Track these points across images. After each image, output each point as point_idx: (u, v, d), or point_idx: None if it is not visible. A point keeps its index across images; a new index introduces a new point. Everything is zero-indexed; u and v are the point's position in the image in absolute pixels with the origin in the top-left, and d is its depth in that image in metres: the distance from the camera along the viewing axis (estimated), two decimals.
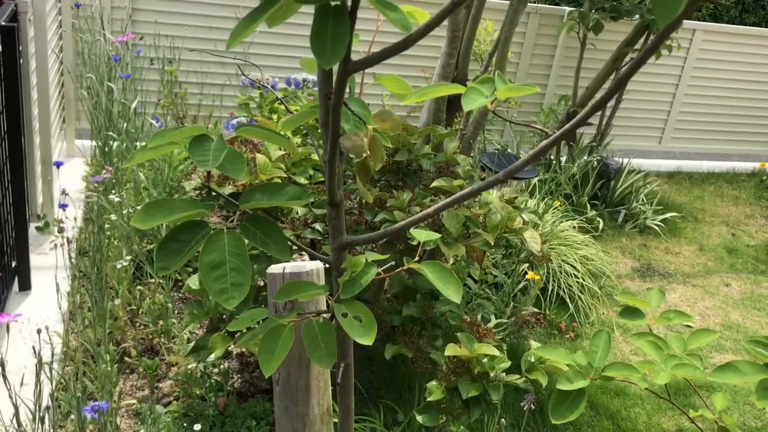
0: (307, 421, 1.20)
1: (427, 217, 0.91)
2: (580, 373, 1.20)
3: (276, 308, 1.15)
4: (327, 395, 1.23)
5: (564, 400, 1.19)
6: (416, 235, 1.15)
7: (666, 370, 1.22)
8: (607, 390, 3.48)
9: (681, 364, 1.24)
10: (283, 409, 1.22)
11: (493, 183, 0.85)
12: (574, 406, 1.18)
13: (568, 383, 1.19)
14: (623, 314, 1.41)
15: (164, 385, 2.98)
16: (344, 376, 1.11)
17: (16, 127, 3.11)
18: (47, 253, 3.58)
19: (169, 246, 0.88)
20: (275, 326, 0.97)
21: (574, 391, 1.19)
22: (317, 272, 1.22)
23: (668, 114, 6.31)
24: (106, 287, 3.02)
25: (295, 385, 1.20)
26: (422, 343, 2.45)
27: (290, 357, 1.20)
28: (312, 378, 1.21)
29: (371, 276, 1.02)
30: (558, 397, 1.19)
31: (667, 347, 1.30)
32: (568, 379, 1.19)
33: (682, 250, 5.05)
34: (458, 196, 0.89)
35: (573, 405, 1.19)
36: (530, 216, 2.51)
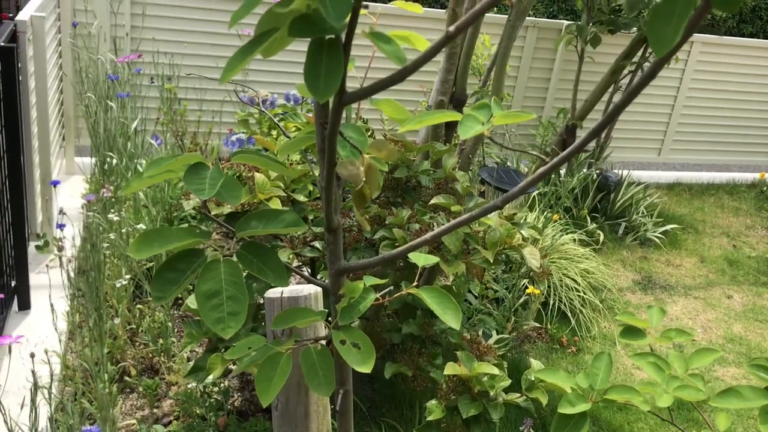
0: None
1: (425, 243, 0.91)
2: (581, 396, 1.19)
3: (274, 334, 1.15)
4: (326, 420, 1.22)
5: (566, 424, 1.18)
6: (415, 260, 1.14)
7: (668, 392, 1.22)
8: (609, 406, 3.46)
9: (683, 386, 1.23)
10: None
11: (491, 209, 0.85)
12: (576, 430, 1.17)
13: (570, 407, 1.18)
14: (624, 335, 1.40)
15: (164, 404, 2.96)
16: (343, 402, 1.10)
17: (16, 146, 3.11)
18: (47, 272, 3.57)
19: (165, 275, 0.87)
20: (273, 354, 0.96)
21: (576, 415, 1.18)
22: (315, 296, 1.21)
23: (667, 126, 6.32)
24: (105, 306, 3.01)
25: (294, 410, 1.19)
26: (422, 361, 2.44)
27: (289, 383, 1.19)
28: (311, 404, 1.20)
29: (369, 302, 1.01)
30: (560, 421, 1.18)
31: (668, 367, 1.29)
32: (570, 402, 1.18)
33: (683, 262, 5.04)
34: (456, 222, 0.88)
35: (575, 428, 1.18)
36: (530, 232, 2.50)
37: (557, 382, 1.24)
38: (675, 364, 1.34)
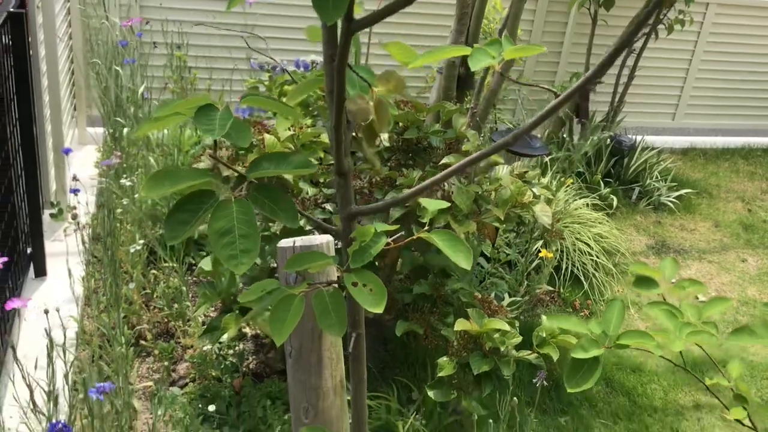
0: (320, 393, 1.20)
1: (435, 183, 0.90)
2: (594, 341, 1.20)
3: (287, 280, 1.15)
4: (340, 367, 1.23)
5: (579, 369, 1.19)
6: (425, 204, 1.14)
7: (681, 338, 1.21)
8: (623, 366, 3.47)
9: (696, 332, 1.23)
10: (296, 381, 1.22)
11: (503, 145, 0.84)
12: (589, 375, 1.18)
13: (582, 352, 1.18)
14: (637, 284, 1.40)
15: (180, 367, 3.00)
16: (356, 345, 1.11)
17: (28, 115, 3.12)
18: (61, 239, 3.60)
19: (177, 216, 0.88)
20: (286, 296, 0.97)
21: (588, 360, 1.18)
22: (327, 245, 1.21)
23: (682, 90, 6.24)
24: (120, 271, 3.04)
25: (308, 357, 1.20)
26: (433, 319, 2.45)
27: (302, 330, 1.20)
28: (324, 350, 1.21)
29: (380, 246, 1.01)
30: (573, 366, 1.19)
31: (681, 315, 1.29)
32: (583, 347, 1.19)
33: (698, 226, 5.01)
34: (466, 161, 0.88)
35: (588, 373, 1.18)
36: (542, 191, 2.49)
37: (570, 327, 1.24)
38: (688, 312, 1.33)
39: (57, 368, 1.77)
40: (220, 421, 2.61)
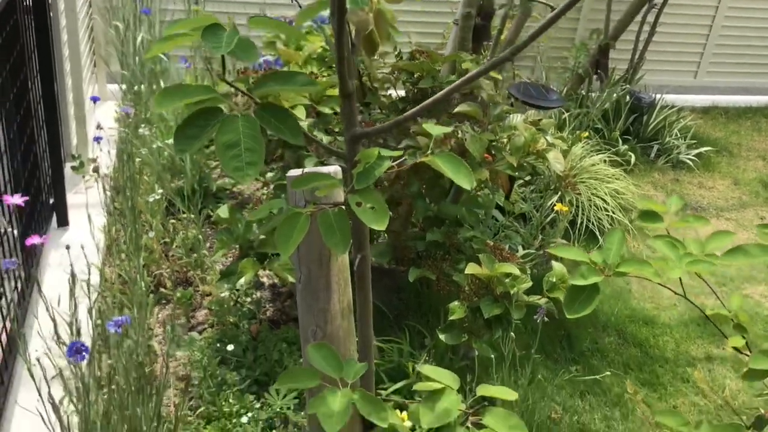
0: (328, 317, 1.24)
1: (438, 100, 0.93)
2: (593, 269, 1.22)
3: (296, 203, 1.19)
4: (347, 292, 1.27)
5: (578, 296, 1.22)
6: (428, 129, 1.16)
7: (680, 266, 1.24)
8: (635, 319, 3.50)
9: (696, 260, 1.25)
10: (305, 306, 1.26)
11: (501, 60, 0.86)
12: (588, 302, 1.21)
13: (581, 279, 1.21)
14: (642, 218, 1.42)
15: (199, 314, 3.07)
16: (360, 266, 1.15)
17: (48, 67, 3.16)
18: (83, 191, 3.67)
19: (186, 131, 0.91)
20: (293, 214, 1.00)
21: (588, 287, 1.21)
22: (335, 173, 1.24)
23: (704, 47, 6.14)
24: (139, 220, 3.11)
25: (316, 282, 1.24)
26: (445, 266, 2.49)
27: (310, 256, 1.24)
28: (332, 276, 1.25)
29: (384, 167, 1.04)
30: (572, 293, 1.22)
31: (683, 248, 1.31)
32: (582, 275, 1.21)
33: (716, 184, 4.98)
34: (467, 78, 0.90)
35: (587, 300, 1.21)
36: (556, 141, 2.50)
37: (571, 257, 1.27)
38: (691, 246, 1.35)
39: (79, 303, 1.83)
40: (237, 363, 2.68)
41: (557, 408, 2.87)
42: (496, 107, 2.43)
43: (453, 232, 2.61)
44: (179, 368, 2.75)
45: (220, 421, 2.43)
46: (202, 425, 2.44)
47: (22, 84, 2.94)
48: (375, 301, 2.82)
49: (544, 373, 3.04)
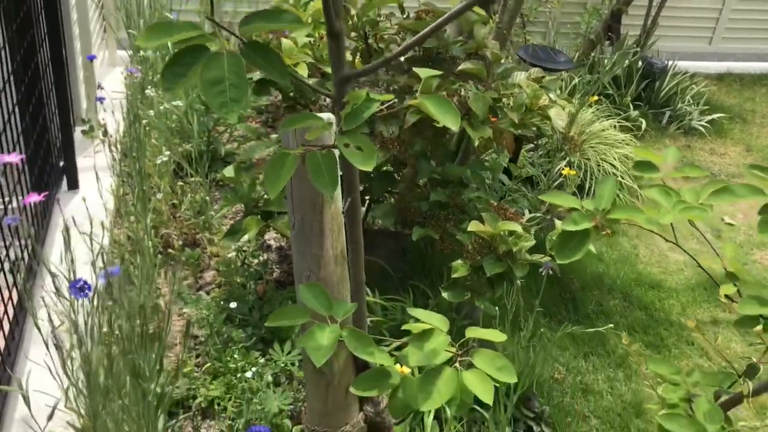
0: (321, 262, 1.26)
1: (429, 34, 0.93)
2: (584, 216, 1.23)
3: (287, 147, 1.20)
4: (340, 239, 1.29)
5: (569, 242, 1.22)
6: (418, 72, 1.17)
7: (672, 212, 1.24)
8: (641, 283, 3.50)
9: (688, 207, 1.25)
10: (299, 251, 1.28)
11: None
12: (579, 247, 1.22)
13: (573, 224, 1.22)
14: (637, 167, 1.42)
15: (207, 275, 3.11)
16: (350, 208, 1.16)
17: (56, 30, 3.17)
18: (93, 156, 3.70)
19: (173, 69, 0.92)
20: (281, 154, 1.02)
21: (579, 233, 1.22)
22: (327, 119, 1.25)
23: (720, 12, 6.03)
24: (147, 182, 3.13)
25: (310, 228, 1.25)
26: (449, 226, 2.50)
27: (304, 203, 1.25)
28: (325, 222, 1.26)
29: (373, 109, 1.05)
30: (563, 238, 1.23)
31: (677, 196, 1.31)
32: (574, 221, 1.22)
33: (728, 150, 4.93)
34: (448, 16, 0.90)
35: (577, 246, 1.22)
36: (560, 101, 2.48)
37: (565, 203, 1.27)
38: (686, 195, 1.35)
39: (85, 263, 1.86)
40: (243, 322, 2.72)
41: (560, 369, 2.89)
42: (501, 65, 2.42)
43: (457, 193, 2.61)
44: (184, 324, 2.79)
45: (225, 376, 2.47)
46: (209, 381, 2.48)
47: (30, 45, 2.96)
48: (380, 262, 2.84)
49: (548, 334, 3.06)
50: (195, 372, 2.52)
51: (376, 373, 1.25)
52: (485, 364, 1.16)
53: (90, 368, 1.54)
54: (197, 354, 2.64)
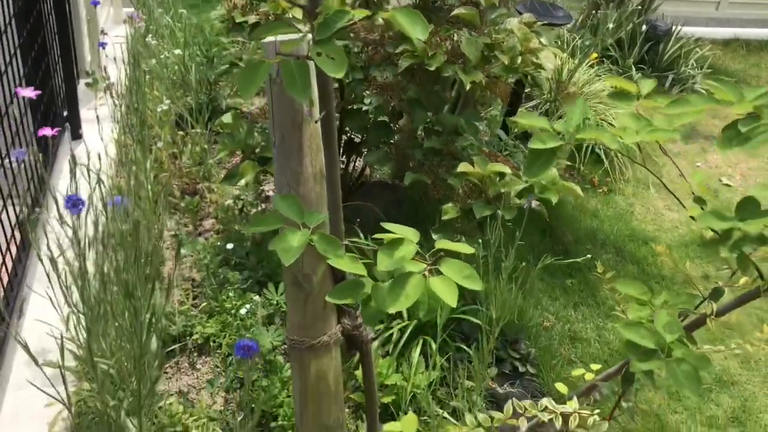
0: (300, 179, 1.31)
1: None
2: (553, 135, 1.27)
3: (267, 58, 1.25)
4: (319, 158, 1.34)
5: (537, 160, 1.27)
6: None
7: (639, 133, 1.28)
8: (635, 239, 3.54)
9: (654, 129, 1.29)
10: (279, 169, 1.33)
11: None
12: (546, 165, 1.26)
13: (541, 143, 1.26)
14: (612, 97, 1.45)
15: (206, 223, 3.18)
16: (325, 119, 1.21)
17: None
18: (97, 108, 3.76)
19: None
20: (257, 61, 1.06)
21: (546, 151, 1.26)
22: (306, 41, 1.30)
23: None
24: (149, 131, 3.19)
25: (289, 145, 1.30)
26: (441, 171, 2.54)
27: (284, 121, 1.30)
28: (304, 140, 1.31)
29: (346, 19, 1.09)
30: (532, 156, 1.27)
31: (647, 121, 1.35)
32: (542, 140, 1.26)
33: (730, 114, 4.93)
34: None
35: (545, 164, 1.26)
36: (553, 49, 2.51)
37: (533, 123, 1.32)
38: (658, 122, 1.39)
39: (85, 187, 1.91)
40: (239, 266, 2.78)
41: (550, 317, 2.95)
42: (494, 11, 2.44)
43: (451, 141, 2.65)
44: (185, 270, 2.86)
45: (221, 315, 2.54)
46: (205, 319, 2.56)
47: None
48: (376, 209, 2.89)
49: (540, 285, 3.11)
50: (192, 311, 2.60)
51: (351, 284, 1.31)
52: (452, 271, 1.21)
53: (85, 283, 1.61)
54: (195, 296, 2.72)
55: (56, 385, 2.27)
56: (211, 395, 2.36)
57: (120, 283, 1.65)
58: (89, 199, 1.95)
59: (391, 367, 2.27)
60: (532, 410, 1.38)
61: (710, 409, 2.62)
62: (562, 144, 1.27)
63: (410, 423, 1.38)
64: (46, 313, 2.20)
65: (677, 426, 2.53)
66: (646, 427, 2.49)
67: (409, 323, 2.39)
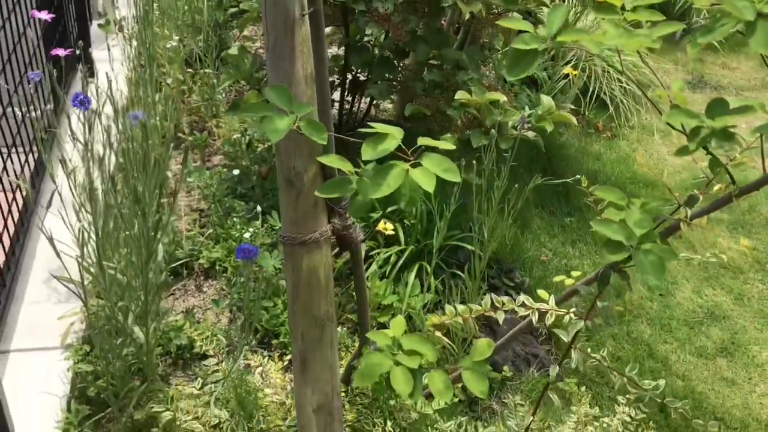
0: (292, 80, 1.38)
1: None
2: (536, 37, 1.32)
3: None
4: (310, 62, 1.40)
5: (519, 60, 1.32)
6: None
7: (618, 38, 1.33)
8: (636, 182, 3.58)
9: (633, 35, 1.34)
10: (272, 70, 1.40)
11: None
12: (528, 65, 1.32)
13: (523, 44, 1.31)
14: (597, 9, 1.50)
15: (215, 159, 3.26)
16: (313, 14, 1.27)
17: None
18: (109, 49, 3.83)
19: None
20: None
21: (529, 51, 1.31)
22: None
23: None
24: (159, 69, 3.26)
25: (282, 47, 1.37)
26: (441, 103, 2.59)
27: (277, 24, 1.36)
28: (296, 43, 1.37)
29: None
30: (514, 57, 1.33)
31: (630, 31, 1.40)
32: (524, 41, 1.31)
33: (741, 65, 4.92)
34: None
35: (527, 64, 1.32)
36: None
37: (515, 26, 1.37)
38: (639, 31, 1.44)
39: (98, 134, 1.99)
40: (245, 197, 2.87)
41: (547, 252, 3.02)
42: None
43: (452, 75, 2.70)
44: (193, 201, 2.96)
45: (227, 241, 2.64)
46: (211, 245, 2.65)
47: None
48: None
49: (539, 222, 3.18)
50: (199, 237, 2.69)
51: (339, 180, 1.38)
52: (432, 164, 1.29)
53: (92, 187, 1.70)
54: (202, 224, 2.81)
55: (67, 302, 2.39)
56: (216, 314, 2.47)
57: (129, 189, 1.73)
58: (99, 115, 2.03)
59: (388, 289, 2.35)
60: (510, 305, 1.46)
61: (700, 341, 2.69)
62: (544, 46, 1.32)
63: (398, 325, 1.46)
64: (59, 235, 2.31)
65: (666, 354, 2.61)
66: (635, 354, 2.57)
67: (406, 248, 2.47)
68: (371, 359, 1.42)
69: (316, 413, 1.56)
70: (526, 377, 2.34)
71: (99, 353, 1.93)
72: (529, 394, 2.27)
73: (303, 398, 1.56)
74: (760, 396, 2.48)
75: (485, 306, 1.47)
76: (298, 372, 1.56)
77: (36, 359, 2.19)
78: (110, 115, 2.01)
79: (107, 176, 1.76)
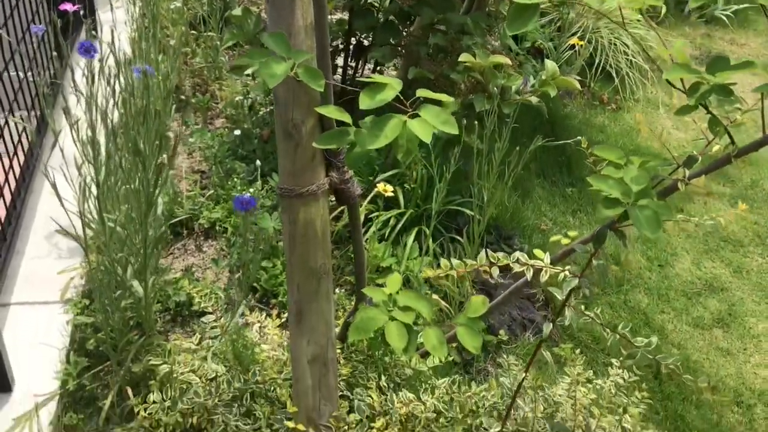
0: (292, 30, 1.37)
1: None
2: None
3: None
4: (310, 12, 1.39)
5: (521, 14, 1.32)
6: None
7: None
8: (640, 153, 3.54)
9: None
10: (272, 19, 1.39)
11: None
12: (528, 20, 1.31)
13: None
14: None
15: (217, 122, 3.26)
16: None
17: None
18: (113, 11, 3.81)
19: None
20: None
21: (531, 6, 1.31)
22: None
23: None
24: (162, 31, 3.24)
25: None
26: (444, 67, 2.58)
27: None
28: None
29: None
30: (515, 11, 1.32)
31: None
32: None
33: (749, 41, 4.87)
34: None
35: (527, 18, 1.31)
36: None
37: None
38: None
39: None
40: (247, 159, 2.87)
41: (547, 221, 3.02)
42: None
43: (456, 39, 2.68)
44: (194, 163, 2.96)
45: (227, 202, 2.64)
46: (211, 206, 2.66)
47: None
48: None
49: (540, 192, 3.18)
50: (199, 198, 2.70)
51: (336, 131, 1.38)
52: (430, 116, 1.28)
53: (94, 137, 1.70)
54: (203, 186, 2.81)
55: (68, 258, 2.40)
56: (215, 274, 2.48)
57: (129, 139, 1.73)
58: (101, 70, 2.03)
59: (387, 251, 2.36)
60: (505, 260, 1.47)
61: (697, 311, 2.70)
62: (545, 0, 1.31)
63: (395, 281, 1.47)
64: (61, 191, 2.32)
65: (663, 323, 2.62)
66: (632, 323, 2.58)
67: (405, 211, 2.48)
68: (367, 313, 1.42)
69: (311, 364, 1.58)
70: (521, 341, 2.35)
71: (98, 306, 1.94)
72: (525, 357, 2.29)
73: (298, 349, 1.58)
74: (755, 366, 2.49)
75: (480, 261, 1.48)
76: (294, 323, 1.57)
77: (36, 312, 2.22)
78: (114, 71, 2.01)
79: (110, 129, 1.77)
